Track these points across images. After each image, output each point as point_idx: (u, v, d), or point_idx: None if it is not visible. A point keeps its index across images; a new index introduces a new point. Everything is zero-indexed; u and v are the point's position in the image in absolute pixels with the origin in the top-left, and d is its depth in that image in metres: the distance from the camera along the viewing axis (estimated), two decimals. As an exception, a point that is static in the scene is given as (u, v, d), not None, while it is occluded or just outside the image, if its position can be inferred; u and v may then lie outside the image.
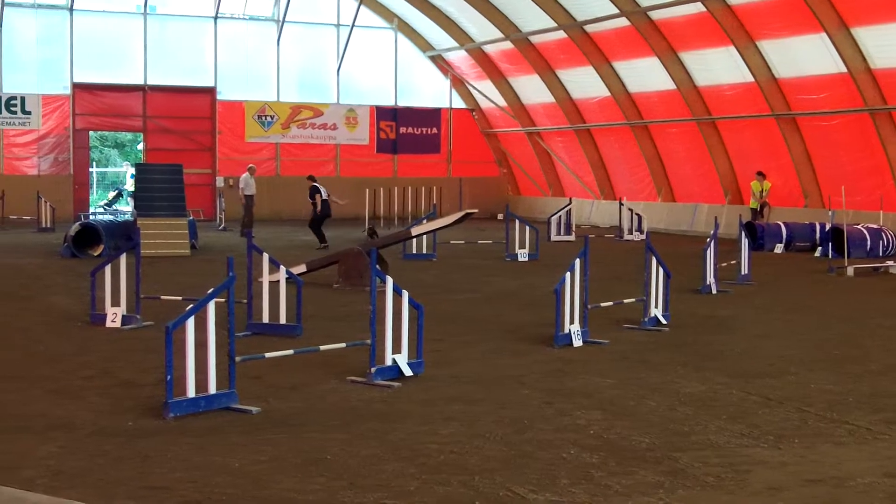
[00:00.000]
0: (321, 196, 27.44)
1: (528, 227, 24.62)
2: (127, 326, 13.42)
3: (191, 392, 8.75)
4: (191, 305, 8.88)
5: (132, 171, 43.53)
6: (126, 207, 41.02)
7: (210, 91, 39.24)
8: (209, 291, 8.96)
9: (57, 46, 37.48)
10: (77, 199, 37.48)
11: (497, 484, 6.95)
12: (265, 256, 13.02)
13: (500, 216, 35.44)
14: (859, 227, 25.80)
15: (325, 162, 41.24)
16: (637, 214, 32.18)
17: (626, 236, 31.64)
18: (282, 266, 13.01)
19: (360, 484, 6.95)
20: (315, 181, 28.36)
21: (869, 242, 25.25)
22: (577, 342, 12.39)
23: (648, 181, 36.85)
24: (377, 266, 10.34)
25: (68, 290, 17.46)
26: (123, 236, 23.36)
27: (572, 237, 30.66)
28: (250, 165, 32.54)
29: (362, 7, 40.27)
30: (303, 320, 12.91)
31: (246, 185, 31.03)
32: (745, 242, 19.75)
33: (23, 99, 36.78)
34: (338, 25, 41.18)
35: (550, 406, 9.32)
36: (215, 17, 39.37)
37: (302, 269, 17.95)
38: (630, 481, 7.05)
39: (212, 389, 8.90)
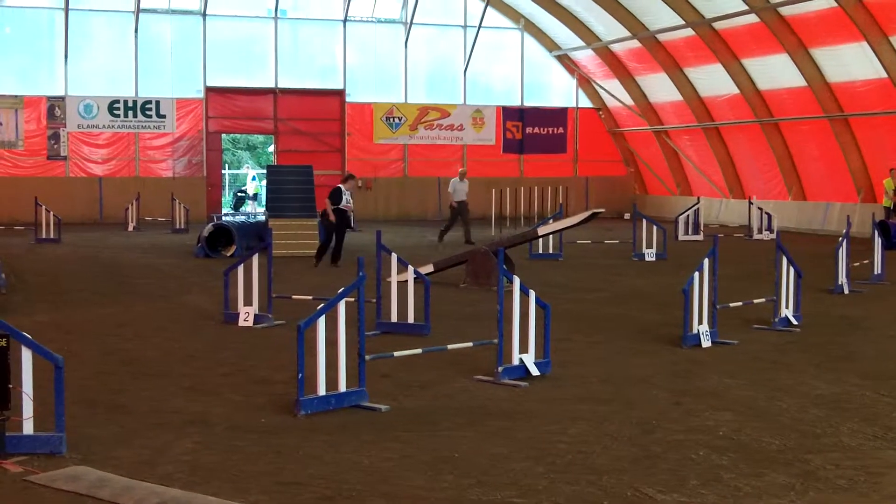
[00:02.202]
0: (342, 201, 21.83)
1: (655, 227, 24.42)
2: (259, 325, 13.70)
3: (321, 390, 8.90)
4: (321, 305, 9.05)
5: (252, 173, 44.41)
6: (252, 209, 41.84)
7: (339, 93, 39.80)
8: (339, 291, 9.11)
9: (190, 51, 38.42)
10: (210, 200, 38.38)
11: (625, 484, 6.95)
12: (393, 256, 13.17)
13: (626, 215, 35.23)
14: None
15: (452, 162, 41.40)
16: (767, 213, 31.66)
17: (756, 235, 31.14)
18: (410, 266, 13.16)
19: (488, 482, 7.01)
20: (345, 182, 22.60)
21: None
22: (706, 342, 12.28)
23: (778, 180, 36.19)
24: (504, 266, 10.40)
25: (203, 289, 17.90)
26: (255, 237, 23.86)
27: (700, 237, 30.30)
28: (461, 169, 30.64)
29: (489, 8, 40.40)
30: (431, 319, 13.04)
31: (454, 190, 28.85)
32: (878, 241, 19.31)
33: (157, 103, 37.81)
34: (465, 26, 41.35)
35: (679, 407, 9.27)
36: (344, 20, 39.90)
37: (429, 268, 18.11)
38: (760, 483, 6.99)
39: (342, 387, 9.04)
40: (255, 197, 44.81)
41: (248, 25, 39.38)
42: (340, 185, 21.90)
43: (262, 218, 26.70)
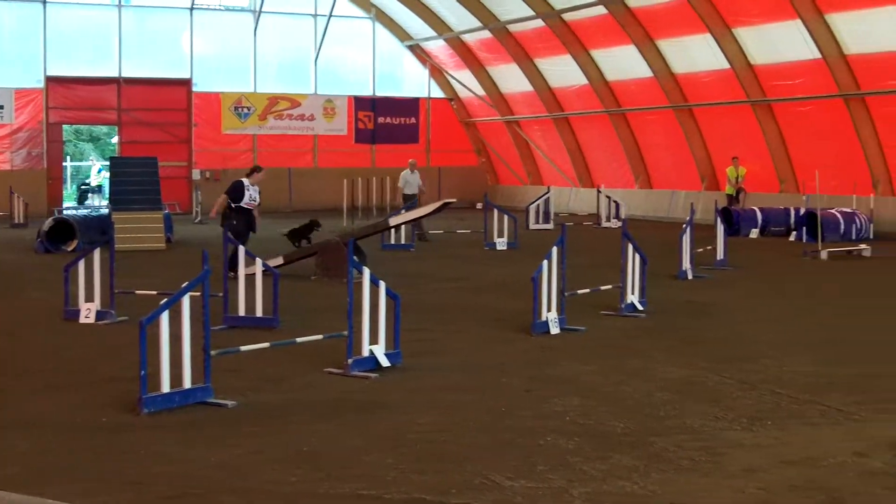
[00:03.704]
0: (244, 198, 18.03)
1: (506, 216, 24.65)
2: (102, 322, 13.33)
3: (165, 387, 8.71)
4: (165, 300, 8.86)
5: (98, 165, 43.29)
6: (96, 202, 40.85)
7: (186, 83, 39.02)
8: (183, 285, 8.93)
9: (30, 39, 37.14)
10: (51, 193, 37.18)
11: (474, 472, 6.97)
12: (241, 249, 12.97)
13: (479, 205, 35.48)
14: (833, 211, 25.95)
15: (303, 153, 41.16)
16: (615, 202, 32.28)
17: (605, 224, 31.73)
18: (258, 258, 12.98)
19: (338, 475, 6.96)
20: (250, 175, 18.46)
21: (843, 226, 25.44)
22: (555, 329, 12.42)
23: (626, 168, 36.94)
24: (355, 257, 10.33)
25: (44, 285, 17.32)
26: (98, 231, 23.24)
27: (551, 225, 30.70)
28: (410, 160, 28.71)
29: (339, -3, 40.26)
30: (280, 313, 12.89)
31: (405, 182, 27.33)
32: (720, 228, 19.84)
33: (-6, 93, 36.54)
34: (315, 15, 41.02)
35: (530, 393, 9.35)
36: (191, 8, 39.17)
37: (279, 261, 17.91)
38: (606, 466, 7.09)
39: (187, 384, 8.86)
40: (99, 189, 43.74)
41: (90, 13, 38.22)
42: (243, 179, 18.18)
43: (106, 211, 26.06)
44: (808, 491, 6.58)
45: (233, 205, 17.90)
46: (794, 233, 26.46)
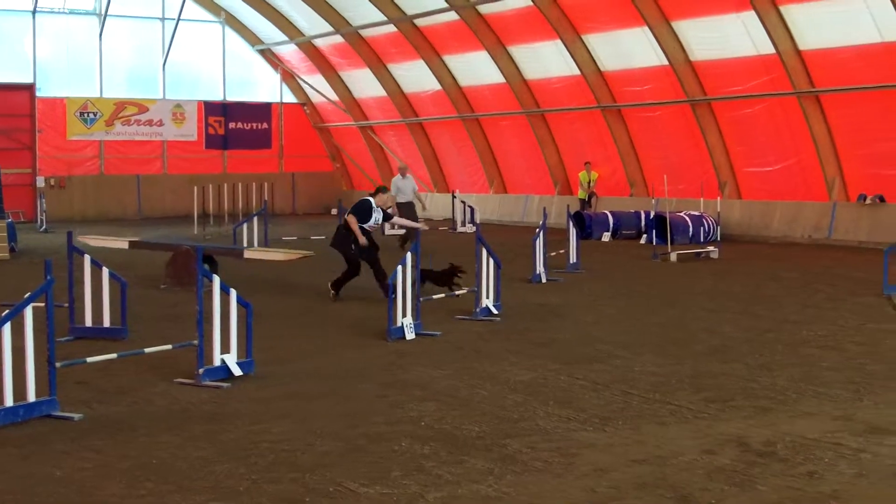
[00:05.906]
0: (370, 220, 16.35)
1: (360, 222, 24.49)
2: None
3: (8, 401, 8.43)
4: (7, 311, 8.58)
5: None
6: None
7: (29, 87, 37.90)
8: (26, 295, 8.65)
9: None
10: None
11: (328, 479, 6.91)
12: (87, 258, 12.61)
13: (333, 211, 35.32)
14: (682, 214, 26.58)
15: (152, 159, 40.43)
16: (470, 206, 32.49)
17: (460, 228, 31.90)
18: (104, 267, 12.64)
19: (188, 487, 6.82)
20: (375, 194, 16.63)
21: (691, 229, 26.06)
22: (410, 335, 12.43)
23: (481, 173, 37.22)
24: (206, 266, 10.16)
25: None
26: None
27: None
28: (401, 164, 26.32)
29: (188, 0, 39.59)
30: (129, 322, 12.60)
31: (397, 189, 24.68)
32: (573, 232, 20.15)
33: None
34: (163, 19, 40.33)
35: (384, 399, 9.32)
36: (34, 11, 38.08)
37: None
38: (460, 470, 7.10)
39: (31, 397, 8.59)
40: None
41: (-76, 16, 36.97)
42: (370, 199, 16.36)
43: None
44: (658, 489, 6.69)
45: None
46: (645, 236, 27.03)
